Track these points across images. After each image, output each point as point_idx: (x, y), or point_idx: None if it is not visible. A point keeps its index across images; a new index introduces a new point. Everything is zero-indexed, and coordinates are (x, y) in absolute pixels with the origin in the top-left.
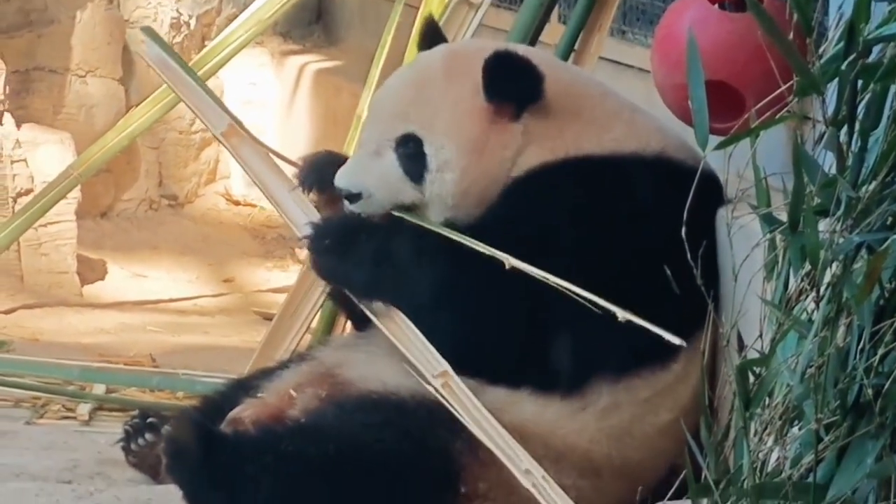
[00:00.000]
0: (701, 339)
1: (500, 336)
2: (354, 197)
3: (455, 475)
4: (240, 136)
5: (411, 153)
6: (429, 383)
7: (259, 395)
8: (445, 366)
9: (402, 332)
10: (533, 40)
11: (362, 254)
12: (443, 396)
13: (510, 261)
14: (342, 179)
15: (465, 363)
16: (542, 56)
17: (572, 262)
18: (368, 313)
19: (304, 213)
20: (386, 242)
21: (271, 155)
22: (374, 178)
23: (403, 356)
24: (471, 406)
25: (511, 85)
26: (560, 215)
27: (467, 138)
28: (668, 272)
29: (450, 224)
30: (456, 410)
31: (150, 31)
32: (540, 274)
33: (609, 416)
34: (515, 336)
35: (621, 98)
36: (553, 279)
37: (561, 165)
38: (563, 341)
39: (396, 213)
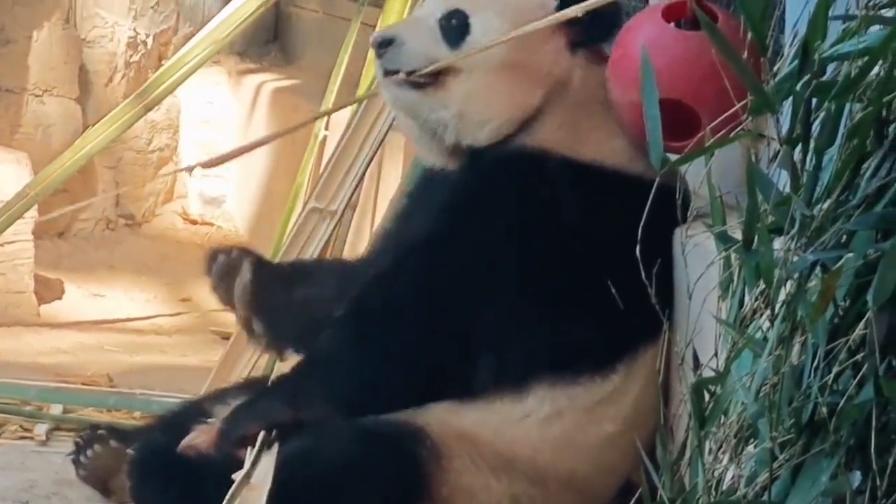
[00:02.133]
0: (643, 354)
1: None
2: (386, 43)
3: (422, 480)
4: None
5: (455, 24)
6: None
7: (211, 419)
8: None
9: None
10: None
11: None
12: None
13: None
14: (377, 32)
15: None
16: None
17: (512, 262)
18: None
19: None
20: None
21: None
22: (409, 28)
23: None
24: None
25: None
26: (515, 212)
27: (522, 25)
28: (612, 286)
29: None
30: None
31: None
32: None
33: (551, 425)
34: (438, 356)
35: None
36: None
37: (533, 157)
38: (497, 344)
39: None
